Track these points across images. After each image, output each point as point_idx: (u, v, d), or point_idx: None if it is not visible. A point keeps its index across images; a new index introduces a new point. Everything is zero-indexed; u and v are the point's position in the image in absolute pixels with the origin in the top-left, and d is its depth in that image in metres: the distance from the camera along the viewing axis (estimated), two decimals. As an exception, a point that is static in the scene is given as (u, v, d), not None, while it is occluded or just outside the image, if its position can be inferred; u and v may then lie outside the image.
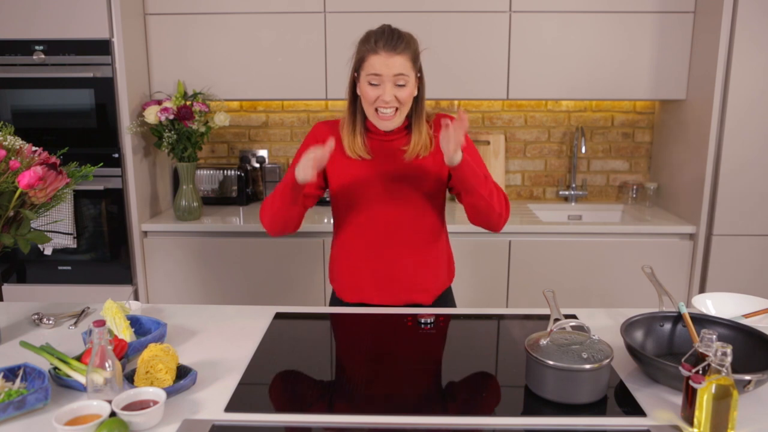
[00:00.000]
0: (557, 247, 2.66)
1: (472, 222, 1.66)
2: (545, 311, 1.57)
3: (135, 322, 1.47)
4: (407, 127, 1.66)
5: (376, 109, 1.57)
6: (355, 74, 1.61)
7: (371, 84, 1.55)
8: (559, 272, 2.68)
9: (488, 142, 3.10)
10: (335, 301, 1.79)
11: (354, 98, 1.64)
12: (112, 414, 1.07)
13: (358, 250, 1.70)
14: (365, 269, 1.70)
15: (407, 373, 1.31)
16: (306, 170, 1.46)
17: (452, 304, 1.82)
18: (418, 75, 1.61)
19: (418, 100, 1.63)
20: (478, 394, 1.21)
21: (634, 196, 3.10)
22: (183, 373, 1.23)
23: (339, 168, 1.67)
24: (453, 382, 1.26)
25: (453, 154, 1.46)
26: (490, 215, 1.60)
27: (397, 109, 1.58)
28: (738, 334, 1.32)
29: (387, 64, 1.52)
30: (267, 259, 2.69)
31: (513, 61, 2.75)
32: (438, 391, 1.23)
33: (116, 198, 2.66)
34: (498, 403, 1.18)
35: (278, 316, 1.62)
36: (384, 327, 1.56)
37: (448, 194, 1.77)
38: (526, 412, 1.15)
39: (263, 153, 3.18)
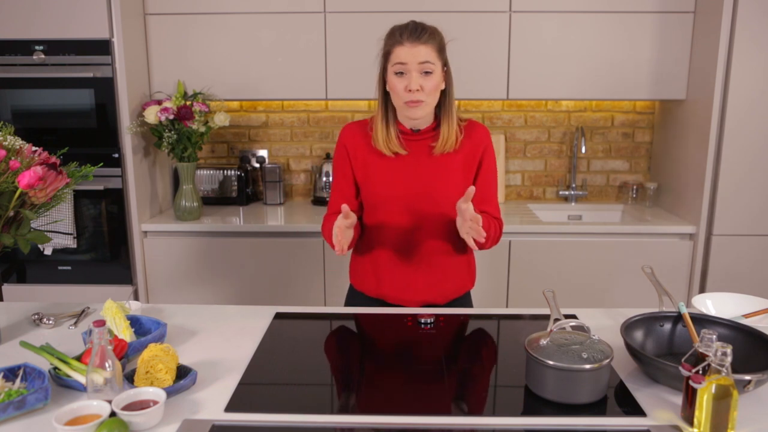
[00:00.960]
0: (557, 247, 2.66)
1: None
2: (545, 311, 1.57)
3: (135, 322, 1.47)
4: (436, 127, 1.67)
5: (407, 101, 1.58)
6: (384, 71, 1.63)
7: (397, 74, 1.57)
8: (559, 272, 2.68)
9: (488, 142, 3.10)
10: (354, 294, 1.80)
11: (385, 95, 1.65)
12: (112, 414, 1.07)
13: (382, 247, 1.71)
14: (388, 266, 1.71)
15: (407, 374, 1.31)
16: (339, 247, 1.50)
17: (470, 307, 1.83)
18: (445, 68, 1.63)
19: (446, 95, 1.65)
20: (478, 394, 1.21)
21: (634, 196, 3.10)
22: (183, 373, 1.23)
23: (367, 167, 1.68)
24: (453, 382, 1.26)
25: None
26: (480, 248, 1.68)
27: (422, 100, 1.58)
28: (738, 334, 1.32)
29: (411, 52, 1.55)
30: (267, 259, 2.69)
31: (513, 61, 2.75)
32: (438, 391, 1.22)
33: (116, 198, 2.66)
34: (498, 403, 1.18)
35: (278, 316, 1.62)
36: (384, 327, 1.56)
37: None
38: (526, 412, 1.15)
39: (263, 153, 3.18)
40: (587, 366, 1.14)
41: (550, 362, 1.14)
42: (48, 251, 2.66)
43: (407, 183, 1.65)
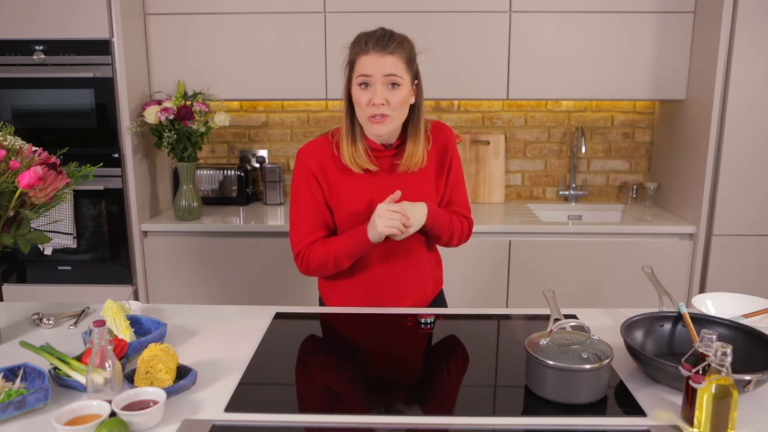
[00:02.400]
0: (557, 247, 2.66)
1: None
2: (545, 311, 1.57)
3: (135, 322, 1.47)
4: (404, 141, 1.60)
5: (370, 116, 1.49)
6: (349, 81, 1.53)
7: (362, 86, 1.48)
8: (559, 272, 2.68)
9: (488, 142, 3.10)
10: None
11: (351, 108, 1.55)
12: (112, 414, 1.07)
13: (360, 267, 1.64)
14: (359, 281, 1.66)
15: (407, 373, 1.31)
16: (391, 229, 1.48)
17: (444, 306, 1.82)
18: (416, 81, 1.55)
19: (416, 110, 1.57)
20: (478, 394, 1.21)
21: (634, 196, 3.10)
22: (183, 373, 1.23)
23: (339, 186, 1.60)
24: (453, 382, 1.26)
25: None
26: (447, 246, 1.72)
27: (386, 115, 1.48)
28: (738, 334, 1.32)
29: (377, 63, 1.45)
30: (267, 259, 2.69)
31: (513, 61, 2.75)
32: (438, 391, 1.23)
33: (116, 198, 2.66)
34: (498, 403, 1.19)
35: (278, 316, 1.62)
36: (384, 327, 1.56)
37: None
38: (526, 412, 1.15)
39: (263, 153, 3.18)
40: (587, 366, 1.14)
41: (550, 362, 1.14)
42: (48, 251, 2.66)
43: (375, 198, 1.56)
